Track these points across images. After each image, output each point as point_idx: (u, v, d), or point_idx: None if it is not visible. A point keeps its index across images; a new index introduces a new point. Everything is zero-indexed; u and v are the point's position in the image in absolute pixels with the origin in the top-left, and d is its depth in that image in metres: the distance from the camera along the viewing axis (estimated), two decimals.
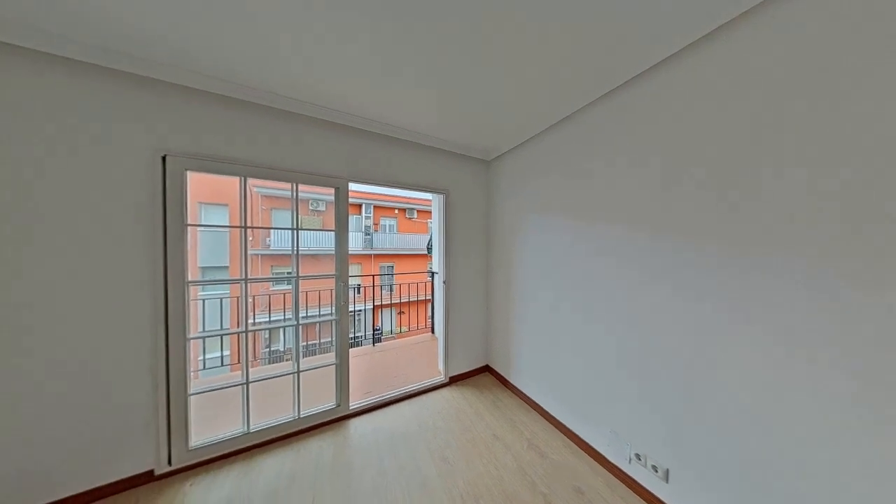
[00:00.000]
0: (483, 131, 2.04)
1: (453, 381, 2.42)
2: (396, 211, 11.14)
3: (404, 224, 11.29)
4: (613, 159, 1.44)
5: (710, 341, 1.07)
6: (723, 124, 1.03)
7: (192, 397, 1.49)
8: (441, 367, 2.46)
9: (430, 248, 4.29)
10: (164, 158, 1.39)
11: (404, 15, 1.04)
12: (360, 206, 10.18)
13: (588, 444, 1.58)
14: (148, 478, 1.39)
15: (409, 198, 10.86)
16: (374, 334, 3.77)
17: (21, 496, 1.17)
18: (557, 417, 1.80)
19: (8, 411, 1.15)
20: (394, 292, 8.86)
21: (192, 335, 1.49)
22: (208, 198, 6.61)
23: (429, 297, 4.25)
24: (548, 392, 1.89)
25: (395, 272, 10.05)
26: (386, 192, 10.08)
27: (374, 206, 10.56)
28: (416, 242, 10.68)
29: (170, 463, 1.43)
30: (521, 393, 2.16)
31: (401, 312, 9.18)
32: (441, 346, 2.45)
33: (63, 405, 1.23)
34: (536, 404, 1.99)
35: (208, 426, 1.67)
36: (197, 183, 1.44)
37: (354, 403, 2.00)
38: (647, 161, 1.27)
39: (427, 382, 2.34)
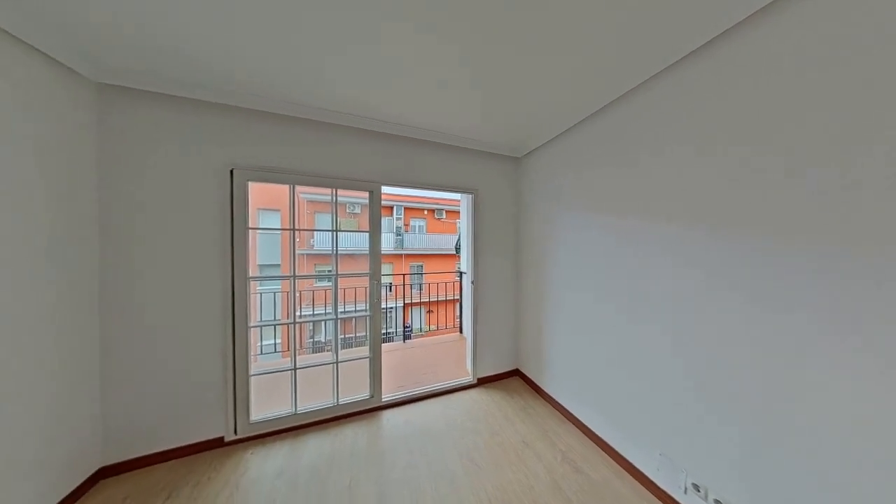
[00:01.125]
0: (516, 126, 1.98)
1: (481, 382, 2.40)
2: (426, 212, 11.39)
3: (433, 224, 11.49)
4: (668, 146, 1.28)
5: (800, 360, 0.89)
6: (822, 93, 0.85)
7: (252, 378, 1.72)
8: (469, 367, 2.45)
9: (458, 248, 4.31)
10: (231, 172, 1.63)
11: (444, 19, 1.05)
12: (391, 207, 10.64)
13: (633, 465, 1.43)
14: (219, 443, 1.63)
15: (438, 198, 11.01)
16: (404, 331, 3.91)
17: (132, 444, 1.47)
18: (597, 432, 1.66)
19: (127, 377, 1.46)
20: (423, 291, 9.08)
21: (252, 324, 1.72)
22: (264, 204, 7.53)
23: (457, 297, 4.26)
24: (586, 403, 1.76)
25: (424, 271, 10.28)
26: (416, 194, 10.38)
27: (405, 208, 10.95)
28: (445, 242, 10.80)
29: (235, 432, 1.67)
30: (555, 401, 2.04)
31: (429, 311, 9.37)
32: (469, 347, 2.44)
33: (161, 376, 1.51)
34: (572, 415, 1.87)
35: (262, 405, 1.90)
36: (255, 191, 1.69)
37: (386, 396, 2.10)
38: (714, 146, 1.10)
39: (455, 382, 2.35)
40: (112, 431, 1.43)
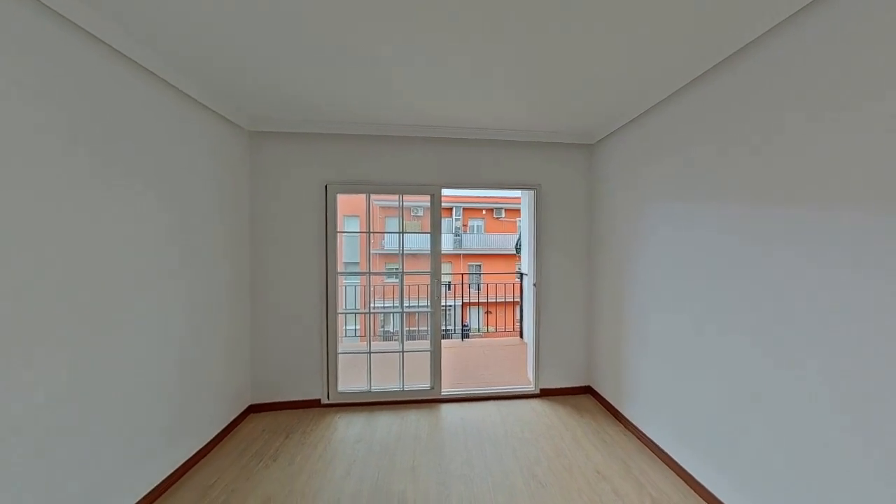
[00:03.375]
0: (588, 109, 1.74)
1: (545, 393, 2.21)
2: (484, 212, 11.30)
3: (492, 224, 11.29)
4: (849, 96, 0.89)
5: None
6: None
7: (339, 355, 2.08)
8: (531, 375, 2.30)
9: (518, 248, 4.10)
10: (325, 187, 2.02)
11: (511, 18, 1.03)
12: (450, 209, 11.01)
13: None
14: (317, 404, 2.05)
15: (497, 197, 10.76)
16: (462, 330, 3.99)
17: (268, 392, 2.01)
18: (707, 486, 1.29)
19: (264, 343, 2.00)
20: (481, 291, 9.03)
21: (339, 311, 2.09)
22: (347, 211, 9.02)
23: (517, 300, 4.06)
24: (690, 445, 1.40)
25: (482, 272, 10.22)
26: (474, 194, 10.42)
27: (464, 209, 11.14)
28: (504, 242, 10.45)
29: (328, 397, 2.06)
30: (640, 432, 1.70)
31: (488, 312, 9.24)
32: (531, 354, 2.30)
33: (283, 344, 2.01)
34: (666, 454, 1.51)
35: (343, 380, 2.28)
36: (341, 201, 2.10)
37: (445, 390, 2.19)
38: None
39: (515, 388, 2.25)
40: (256, 381, 1.99)
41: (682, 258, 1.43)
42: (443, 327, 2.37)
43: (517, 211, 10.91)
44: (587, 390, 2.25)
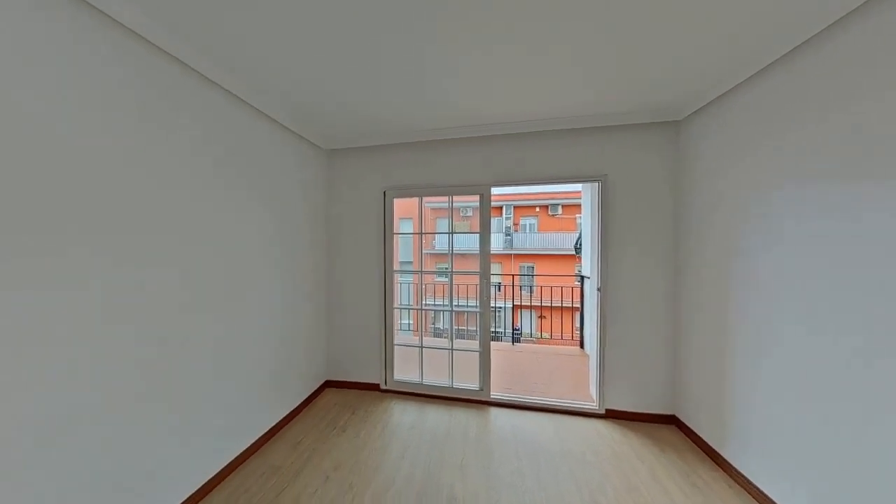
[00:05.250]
0: (674, 76, 1.42)
1: (611, 415, 1.93)
2: (537, 209, 10.57)
3: (546, 222, 10.47)
4: None
5: None
6: None
7: (395, 346, 2.27)
8: (593, 392, 2.04)
9: (578, 248, 3.69)
10: (384, 192, 2.23)
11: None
12: (500, 208, 10.70)
13: None
14: (377, 388, 2.28)
15: (552, 193, 9.91)
16: (513, 333, 3.82)
17: (339, 371, 2.34)
18: None
19: (336, 330, 2.34)
20: (534, 294, 8.47)
21: (395, 306, 2.28)
22: (401, 214, 9.73)
23: (576, 305, 3.66)
24: None
25: (535, 273, 9.59)
26: (526, 191, 9.87)
27: (514, 207, 10.67)
28: (560, 242, 9.56)
29: (385, 383, 2.27)
30: (751, 485, 1.31)
31: (541, 317, 8.60)
32: (594, 368, 2.03)
33: (351, 333, 2.32)
34: None
35: (397, 370, 2.47)
36: (396, 204, 2.34)
37: (495, 394, 2.14)
38: None
39: (574, 404, 2.03)
40: (331, 361, 2.35)
41: (845, 258, 1.03)
42: (492, 329, 2.33)
43: (576, 206, 9.81)
44: (670, 420, 1.85)
